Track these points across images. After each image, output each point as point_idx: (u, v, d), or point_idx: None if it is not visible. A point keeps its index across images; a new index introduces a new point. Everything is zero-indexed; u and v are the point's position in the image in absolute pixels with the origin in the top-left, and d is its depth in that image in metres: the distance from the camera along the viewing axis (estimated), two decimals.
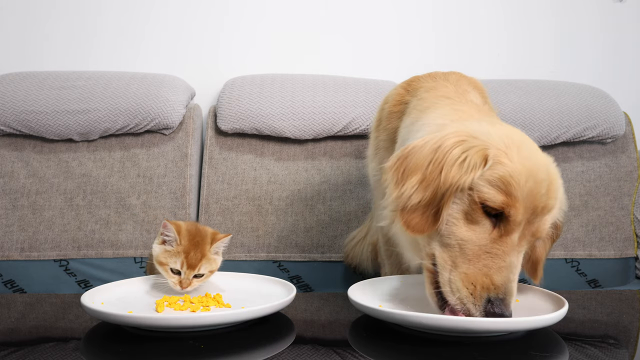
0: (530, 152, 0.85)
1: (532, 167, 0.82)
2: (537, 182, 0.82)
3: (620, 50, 2.15)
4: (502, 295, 0.81)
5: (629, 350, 0.90)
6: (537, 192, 0.82)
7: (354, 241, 1.59)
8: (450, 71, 1.29)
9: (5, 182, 1.75)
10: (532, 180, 0.81)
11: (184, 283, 1.02)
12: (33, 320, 1.06)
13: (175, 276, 1.03)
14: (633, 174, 1.87)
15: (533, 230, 0.84)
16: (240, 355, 0.85)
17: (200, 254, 1.03)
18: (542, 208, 0.83)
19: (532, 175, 0.81)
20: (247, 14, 2.06)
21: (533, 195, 0.81)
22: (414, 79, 1.25)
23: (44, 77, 1.81)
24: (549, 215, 0.85)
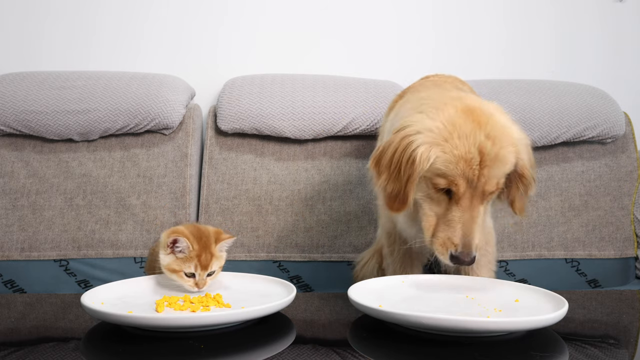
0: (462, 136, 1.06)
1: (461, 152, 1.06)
2: (467, 162, 1.05)
3: (620, 50, 2.15)
4: (460, 249, 1.07)
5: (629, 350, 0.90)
6: (469, 169, 1.06)
7: (363, 261, 1.61)
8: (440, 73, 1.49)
9: (5, 182, 1.75)
10: (462, 161, 1.06)
11: (200, 283, 1.05)
12: (33, 320, 1.06)
13: (190, 279, 1.05)
14: (633, 174, 1.87)
15: (480, 192, 1.08)
16: (240, 355, 0.85)
17: (210, 254, 1.06)
18: (477, 177, 1.06)
19: (462, 158, 1.06)
20: (247, 13, 2.06)
21: (465, 172, 1.06)
22: (410, 86, 1.45)
23: (44, 77, 1.81)
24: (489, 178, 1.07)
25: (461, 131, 1.07)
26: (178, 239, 1.04)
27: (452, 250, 1.07)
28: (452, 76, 1.50)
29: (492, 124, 1.08)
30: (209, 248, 1.06)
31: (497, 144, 1.07)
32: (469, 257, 1.06)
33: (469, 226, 1.08)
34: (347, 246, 1.77)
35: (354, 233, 1.78)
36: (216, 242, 1.08)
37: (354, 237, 1.77)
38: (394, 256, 1.35)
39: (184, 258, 1.04)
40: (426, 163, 1.07)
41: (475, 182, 1.07)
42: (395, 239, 1.34)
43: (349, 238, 1.77)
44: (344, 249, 1.76)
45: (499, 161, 1.07)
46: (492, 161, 1.06)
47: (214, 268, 1.07)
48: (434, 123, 1.09)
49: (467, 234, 1.08)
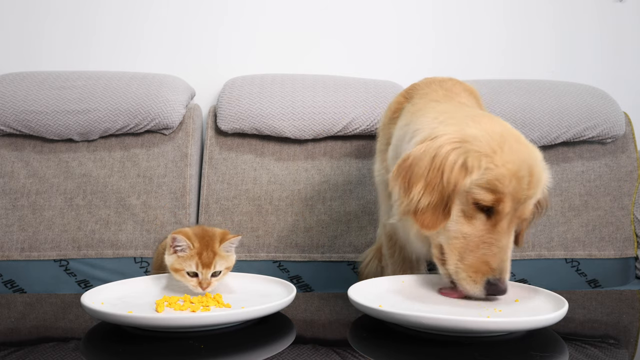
0: (512, 150, 0.98)
1: (514, 168, 0.97)
2: (519, 180, 0.97)
3: (620, 50, 2.15)
4: (499, 275, 0.98)
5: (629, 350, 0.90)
6: (519, 188, 0.97)
7: (367, 259, 1.61)
8: (447, 77, 1.37)
9: (5, 182, 1.75)
10: (514, 179, 0.97)
11: (204, 283, 1.02)
12: (33, 320, 1.06)
13: (193, 279, 1.03)
14: (633, 174, 1.87)
15: (518, 215, 1.01)
16: (240, 355, 0.85)
17: (212, 252, 1.03)
18: (524, 198, 0.99)
19: (514, 175, 0.97)
20: (247, 13, 2.06)
21: (516, 190, 0.98)
22: (412, 87, 1.36)
23: (44, 77, 1.81)
24: (531, 201, 1.01)
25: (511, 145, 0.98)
26: (176, 237, 1.03)
27: (490, 277, 0.97)
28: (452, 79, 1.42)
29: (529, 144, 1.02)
30: (211, 247, 1.04)
31: (538, 165, 1.01)
32: (505, 284, 0.98)
33: (506, 251, 0.99)
34: (347, 246, 1.77)
35: (354, 233, 1.78)
36: (221, 242, 1.06)
37: (354, 237, 1.77)
38: (394, 258, 1.34)
39: (185, 256, 1.03)
40: (477, 172, 0.96)
41: (521, 203, 0.99)
42: (396, 242, 1.33)
43: (349, 238, 1.77)
44: (344, 249, 1.76)
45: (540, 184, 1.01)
46: (538, 183, 1.00)
47: (218, 268, 1.04)
48: (478, 132, 0.99)
49: (504, 260, 0.99)
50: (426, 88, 1.31)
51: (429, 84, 1.33)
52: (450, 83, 1.32)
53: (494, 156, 0.97)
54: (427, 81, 1.36)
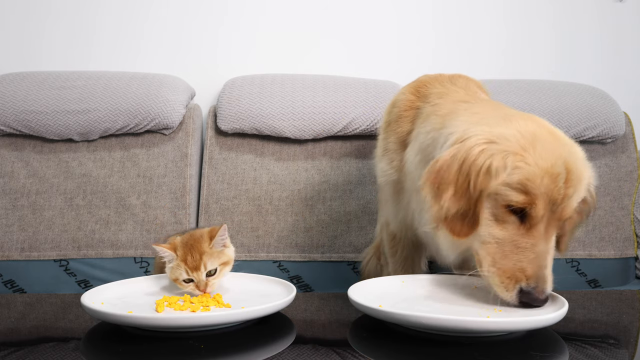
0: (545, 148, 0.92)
1: (547, 165, 0.90)
2: (552, 178, 0.90)
3: (620, 50, 2.15)
4: (534, 284, 0.92)
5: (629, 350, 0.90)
6: (553, 187, 0.90)
7: (367, 257, 1.60)
8: (454, 74, 1.31)
9: (5, 182, 1.75)
10: (547, 177, 0.90)
11: (201, 285, 1.02)
12: (33, 320, 1.06)
13: (189, 284, 1.02)
14: (633, 174, 1.87)
15: (557, 217, 0.93)
16: (240, 355, 0.85)
17: (197, 253, 1.02)
18: (561, 199, 0.92)
19: (547, 173, 0.90)
20: (247, 13, 2.06)
21: (550, 190, 0.90)
22: (421, 84, 1.28)
23: (44, 77, 1.81)
24: (571, 201, 0.93)
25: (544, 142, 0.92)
26: (155, 248, 1.02)
27: (523, 285, 0.91)
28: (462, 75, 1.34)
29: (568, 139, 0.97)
30: (197, 248, 1.03)
31: (580, 161, 0.95)
32: (544, 294, 0.91)
33: (544, 257, 0.93)
34: (347, 246, 1.77)
35: (354, 233, 1.78)
36: (211, 239, 1.05)
37: (354, 237, 1.77)
38: (396, 257, 1.33)
39: (174, 266, 1.02)
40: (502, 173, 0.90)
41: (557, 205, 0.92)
42: (399, 241, 1.32)
43: (349, 238, 1.77)
44: (344, 249, 1.76)
45: (583, 181, 0.95)
46: (578, 180, 0.93)
47: (210, 266, 1.02)
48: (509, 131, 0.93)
49: (543, 267, 0.92)
50: (440, 87, 1.24)
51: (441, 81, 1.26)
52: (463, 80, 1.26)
53: (524, 154, 0.91)
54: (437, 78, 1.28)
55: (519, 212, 0.93)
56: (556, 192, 0.91)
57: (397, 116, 1.26)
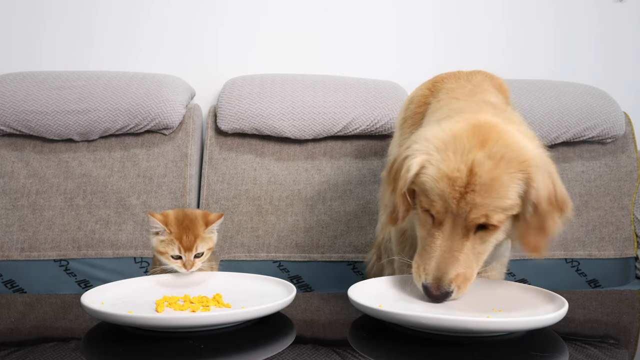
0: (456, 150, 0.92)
1: (447, 168, 0.92)
2: (451, 181, 0.91)
3: (620, 50, 2.15)
4: (431, 280, 0.96)
5: (629, 350, 0.90)
6: (449, 191, 0.92)
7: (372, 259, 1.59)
8: (474, 70, 1.29)
9: (5, 182, 1.75)
10: (445, 180, 0.92)
11: (188, 264, 1.08)
12: (33, 320, 1.06)
13: (177, 261, 1.08)
14: (633, 174, 1.87)
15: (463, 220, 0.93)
16: (240, 355, 0.85)
17: (193, 235, 1.08)
18: (458, 202, 0.92)
19: (445, 176, 0.92)
20: (247, 13, 2.06)
21: (446, 193, 0.92)
22: (439, 79, 1.28)
23: (44, 77, 1.81)
24: (475, 206, 0.92)
25: (458, 145, 0.92)
26: (150, 219, 1.08)
27: (423, 280, 0.97)
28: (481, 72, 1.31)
29: (502, 142, 0.92)
30: (192, 229, 1.08)
31: (499, 166, 0.90)
32: (439, 290, 0.95)
33: (445, 258, 0.95)
34: (347, 246, 1.77)
35: (354, 233, 1.78)
36: (206, 225, 1.11)
37: (354, 237, 1.77)
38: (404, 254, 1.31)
39: (166, 240, 1.08)
40: (407, 174, 0.95)
41: (455, 208, 0.92)
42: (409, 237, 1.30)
43: (349, 238, 1.77)
44: (344, 249, 1.76)
45: (494, 188, 0.90)
46: (483, 186, 0.90)
47: (200, 249, 1.09)
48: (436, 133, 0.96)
49: (441, 267, 0.95)
50: (454, 82, 1.23)
51: (457, 77, 1.25)
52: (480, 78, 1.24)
53: (433, 156, 0.94)
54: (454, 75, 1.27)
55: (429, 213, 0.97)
56: (452, 196, 0.92)
57: (413, 112, 1.27)
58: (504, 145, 0.92)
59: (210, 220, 1.12)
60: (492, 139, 0.92)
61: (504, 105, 1.16)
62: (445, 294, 0.96)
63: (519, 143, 0.93)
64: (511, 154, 0.91)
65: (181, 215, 1.11)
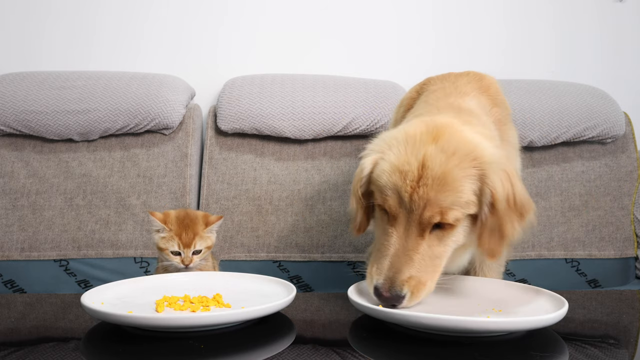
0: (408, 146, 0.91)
1: (398, 162, 0.90)
2: (402, 174, 0.89)
3: (620, 50, 2.15)
4: (382, 281, 0.91)
5: (629, 350, 0.90)
6: (401, 184, 0.89)
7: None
8: (464, 71, 1.29)
9: (5, 182, 1.75)
10: (396, 173, 0.90)
11: (186, 260, 1.16)
12: (33, 320, 1.06)
13: (176, 257, 1.16)
14: (633, 174, 1.87)
15: (418, 217, 0.90)
16: (240, 355, 0.85)
17: (192, 233, 1.16)
18: (410, 196, 0.89)
19: (396, 168, 0.90)
20: (247, 13, 2.06)
21: (398, 187, 0.90)
22: (426, 81, 1.28)
23: (44, 77, 1.81)
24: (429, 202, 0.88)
25: (410, 141, 0.91)
26: (150, 218, 1.17)
27: (375, 281, 0.92)
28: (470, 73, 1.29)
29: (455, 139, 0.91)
30: (191, 228, 1.16)
31: (451, 160, 0.88)
32: (390, 292, 0.90)
33: (399, 257, 0.91)
34: (347, 246, 1.77)
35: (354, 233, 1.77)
36: (206, 225, 1.19)
37: (354, 237, 1.77)
38: None
39: (166, 237, 1.16)
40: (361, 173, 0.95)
41: (408, 203, 0.89)
42: None
43: (349, 238, 1.77)
44: (344, 249, 1.76)
45: (447, 182, 0.88)
46: (436, 180, 0.88)
47: (199, 247, 1.17)
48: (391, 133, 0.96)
49: (394, 266, 0.90)
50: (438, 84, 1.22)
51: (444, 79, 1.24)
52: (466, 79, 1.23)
53: (386, 152, 0.93)
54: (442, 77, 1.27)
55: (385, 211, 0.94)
56: (404, 189, 0.89)
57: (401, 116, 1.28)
58: (457, 141, 0.91)
59: (210, 221, 1.20)
60: (444, 136, 0.91)
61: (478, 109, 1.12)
62: (396, 297, 0.90)
63: (473, 141, 0.92)
64: (464, 149, 0.90)
65: (182, 214, 1.20)
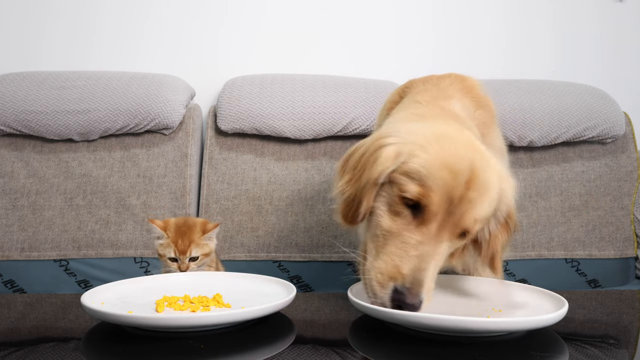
0: (451, 145, 0.86)
1: (449, 158, 0.84)
2: (453, 172, 0.83)
3: (620, 50, 2.15)
4: (409, 284, 0.83)
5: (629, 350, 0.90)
6: (453, 183, 0.83)
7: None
8: (446, 73, 1.28)
9: (5, 182, 1.75)
10: (446, 170, 0.83)
11: (182, 266, 1.18)
12: (33, 320, 1.06)
13: (174, 263, 1.19)
14: (633, 174, 1.87)
15: (455, 221, 0.85)
16: (240, 355, 0.85)
17: (188, 240, 1.18)
18: (460, 198, 0.84)
19: (447, 165, 0.84)
20: (247, 13, 2.06)
21: (448, 185, 0.83)
22: (408, 84, 1.27)
23: (44, 77, 1.81)
24: (473, 207, 0.85)
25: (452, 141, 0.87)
26: (149, 224, 1.20)
27: (398, 284, 0.83)
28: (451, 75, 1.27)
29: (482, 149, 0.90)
30: (187, 235, 1.18)
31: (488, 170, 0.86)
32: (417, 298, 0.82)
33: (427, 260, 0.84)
34: (347, 246, 1.76)
35: (354, 233, 1.77)
36: (203, 232, 1.20)
37: (354, 237, 1.77)
38: None
39: (164, 244, 1.18)
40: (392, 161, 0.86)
41: (455, 205, 0.84)
42: None
43: (349, 238, 1.77)
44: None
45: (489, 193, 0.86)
46: (483, 186, 0.85)
47: (195, 254, 1.18)
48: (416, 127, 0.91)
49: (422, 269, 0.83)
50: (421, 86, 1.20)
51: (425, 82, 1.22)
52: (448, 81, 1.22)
53: (426, 145, 0.86)
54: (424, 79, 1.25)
55: (413, 206, 0.86)
56: (455, 189, 0.83)
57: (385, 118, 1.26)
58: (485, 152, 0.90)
59: (207, 228, 1.22)
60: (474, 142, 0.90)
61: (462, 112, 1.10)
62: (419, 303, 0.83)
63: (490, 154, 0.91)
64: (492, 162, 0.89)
65: (181, 222, 1.22)
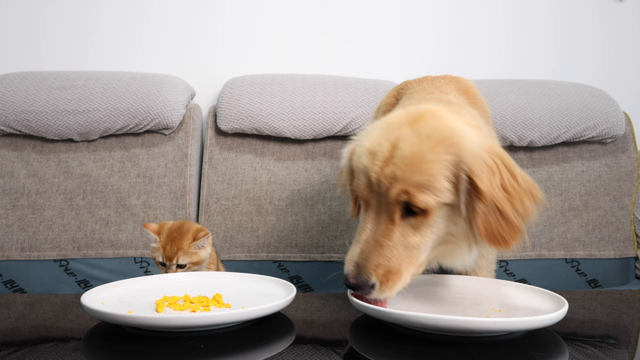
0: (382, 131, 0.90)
1: (369, 144, 0.89)
2: (371, 155, 0.88)
3: (620, 50, 2.15)
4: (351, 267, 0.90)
5: (629, 350, 0.90)
6: (371, 165, 0.88)
7: None
8: (440, 75, 1.29)
9: (5, 182, 1.75)
10: (367, 155, 0.88)
11: (169, 272, 1.17)
12: (33, 320, 1.06)
13: (163, 267, 1.19)
14: (633, 174, 1.87)
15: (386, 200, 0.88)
16: (240, 355, 0.85)
17: (176, 247, 1.17)
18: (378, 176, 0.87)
19: (368, 150, 0.89)
20: (246, 13, 2.06)
21: (368, 168, 0.88)
22: (403, 85, 1.29)
23: (44, 77, 1.81)
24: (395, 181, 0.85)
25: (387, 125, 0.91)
26: (144, 228, 1.21)
27: (346, 269, 0.90)
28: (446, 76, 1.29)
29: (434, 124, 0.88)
30: (177, 242, 1.17)
31: (423, 143, 0.85)
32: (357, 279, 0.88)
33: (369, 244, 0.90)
34: (347, 246, 1.76)
35: (354, 233, 1.77)
36: (193, 240, 1.19)
37: (354, 237, 1.77)
38: None
39: (156, 247, 1.19)
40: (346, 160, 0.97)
41: (376, 184, 0.87)
42: None
43: (349, 238, 1.77)
44: (344, 249, 1.76)
45: (416, 164, 0.85)
46: (404, 159, 0.85)
47: (182, 262, 1.17)
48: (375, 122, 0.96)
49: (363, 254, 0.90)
50: (417, 86, 1.23)
51: (421, 82, 1.25)
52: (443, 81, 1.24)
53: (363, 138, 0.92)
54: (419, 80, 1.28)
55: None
56: (372, 170, 0.87)
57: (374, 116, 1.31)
58: (435, 126, 0.88)
59: (198, 237, 1.19)
60: (423, 120, 0.89)
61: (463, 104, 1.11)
62: (364, 285, 0.87)
63: (453, 127, 0.88)
64: (441, 134, 0.87)
65: (175, 227, 1.21)
